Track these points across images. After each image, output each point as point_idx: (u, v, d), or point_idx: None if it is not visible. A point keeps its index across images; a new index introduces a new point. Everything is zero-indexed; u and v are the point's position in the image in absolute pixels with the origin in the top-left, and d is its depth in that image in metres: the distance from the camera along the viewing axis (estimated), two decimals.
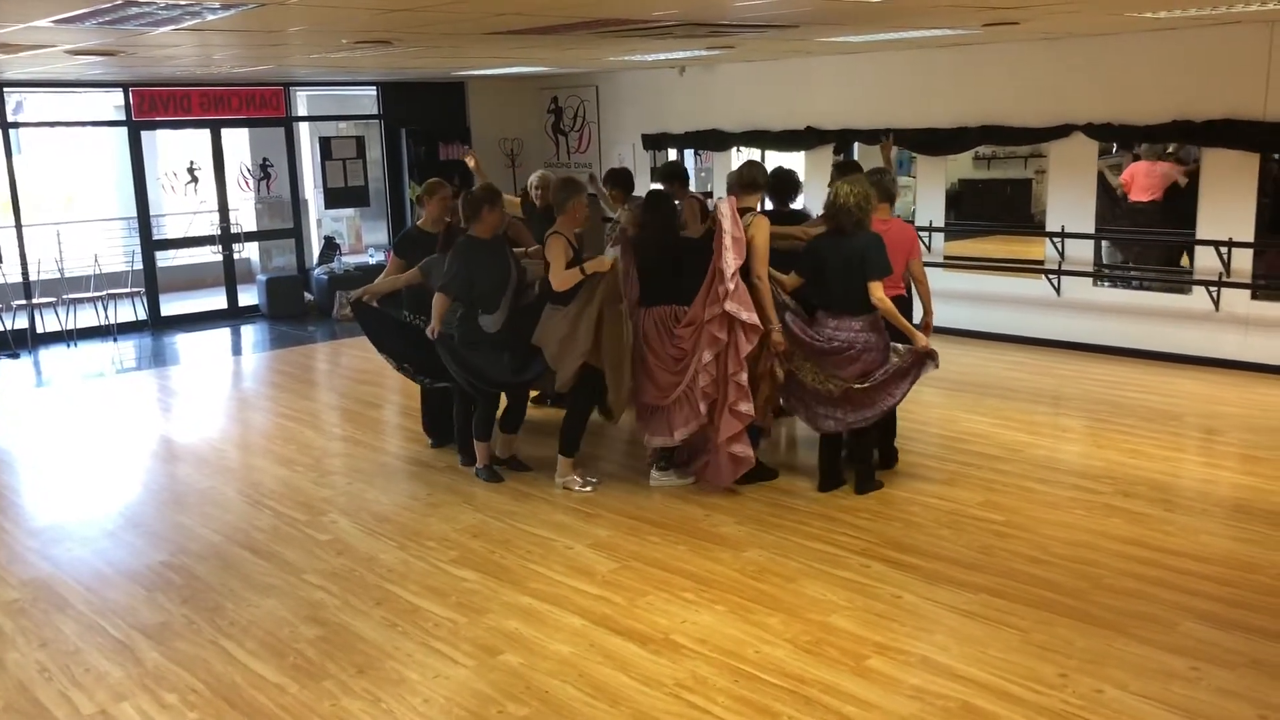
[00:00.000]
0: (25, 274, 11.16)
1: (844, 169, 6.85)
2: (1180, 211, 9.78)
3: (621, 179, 7.67)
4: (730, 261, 5.59)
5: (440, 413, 6.97)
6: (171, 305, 12.51)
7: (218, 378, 10.02)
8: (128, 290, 11.79)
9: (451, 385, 6.50)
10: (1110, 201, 9.89)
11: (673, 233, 6.06)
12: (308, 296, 12.91)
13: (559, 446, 6.24)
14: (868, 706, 3.83)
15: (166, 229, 13.49)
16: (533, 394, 7.19)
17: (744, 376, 5.70)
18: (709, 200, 6.61)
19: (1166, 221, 9.88)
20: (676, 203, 6.39)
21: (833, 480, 6.07)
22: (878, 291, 5.59)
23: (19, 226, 11.04)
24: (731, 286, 5.58)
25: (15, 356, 10.68)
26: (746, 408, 5.74)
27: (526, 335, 6.11)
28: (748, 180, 6.05)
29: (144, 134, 11.97)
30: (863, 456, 6.07)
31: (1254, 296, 8.43)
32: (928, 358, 5.67)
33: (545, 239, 6.00)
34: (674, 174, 7.33)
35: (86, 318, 11.57)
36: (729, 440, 5.82)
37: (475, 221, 6.06)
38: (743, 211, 5.87)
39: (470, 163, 7.75)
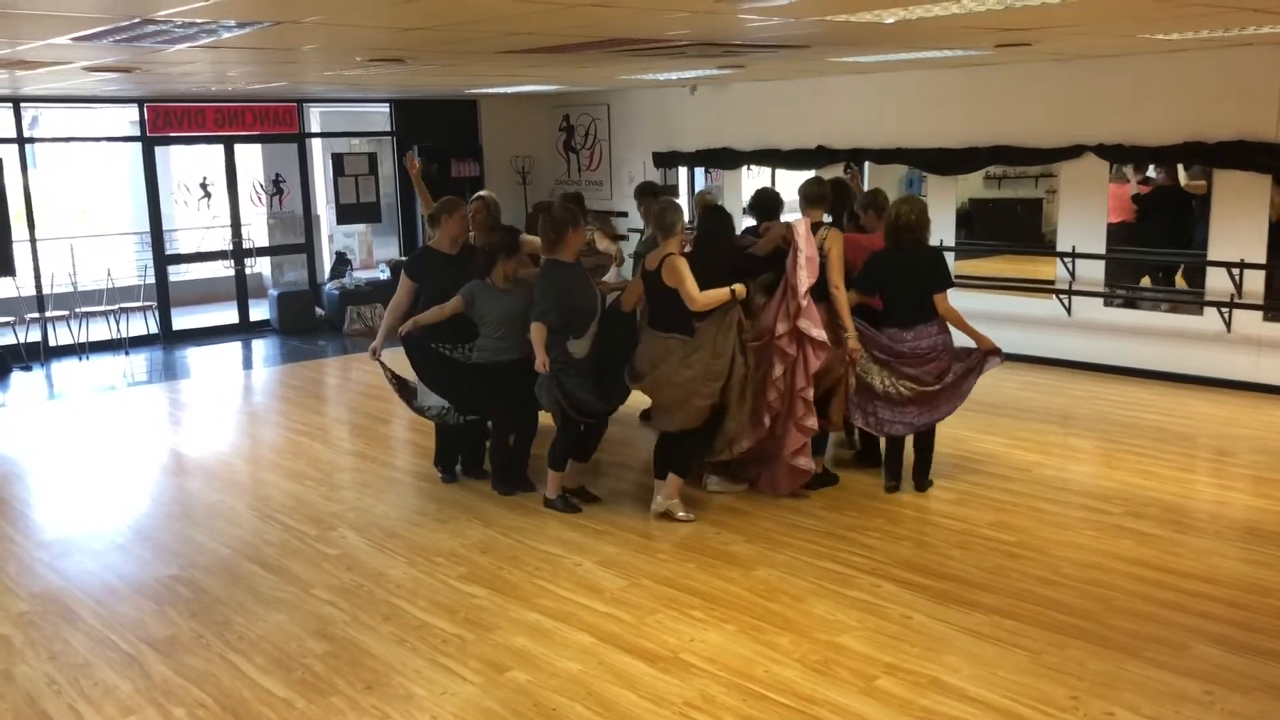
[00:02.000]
0: (38, 287, 11.23)
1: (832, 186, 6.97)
2: (1152, 233, 9.81)
3: (574, 200, 7.76)
4: (804, 280, 5.71)
5: (459, 448, 6.69)
6: (183, 319, 12.56)
7: (228, 392, 10.05)
8: (140, 304, 11.84)
9: (496, 415, 6.33)
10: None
11: (734, 245, 6.04)
12: (319, 311, 12.96)
13: (675, 469, 5.89)
14: None
15: (179, 244, 13.58)
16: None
17: (810, 392, 5.86)
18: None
19: (1139, 243, 9.91)
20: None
21: (900, 479, 6.30)
22: (944, 303, 5.93)
23: (33, 240, 11.11)
24: (804, 304, 5.71)
25: (28, 369, 10.73)
26: (812, 423, 5.91)
27: (611, 359, 5.89)
28: (814, 196, 6.20)
29: (158, 149, 12.05)
30: (924, 453, 6.30)
31: (1266, 318, 8.41)
32: (992, 354, 5.99)
33: (662, 262, 5.59)
34: (648, 191, 7.54)
35: (98, 331, 11.62)
36: (794, 454, 5.97)
37: (560, 245, 5.78)
38: (813, 227, 6.01)
39: (413, 169, 7.37)
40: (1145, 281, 9.96)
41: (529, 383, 5.96)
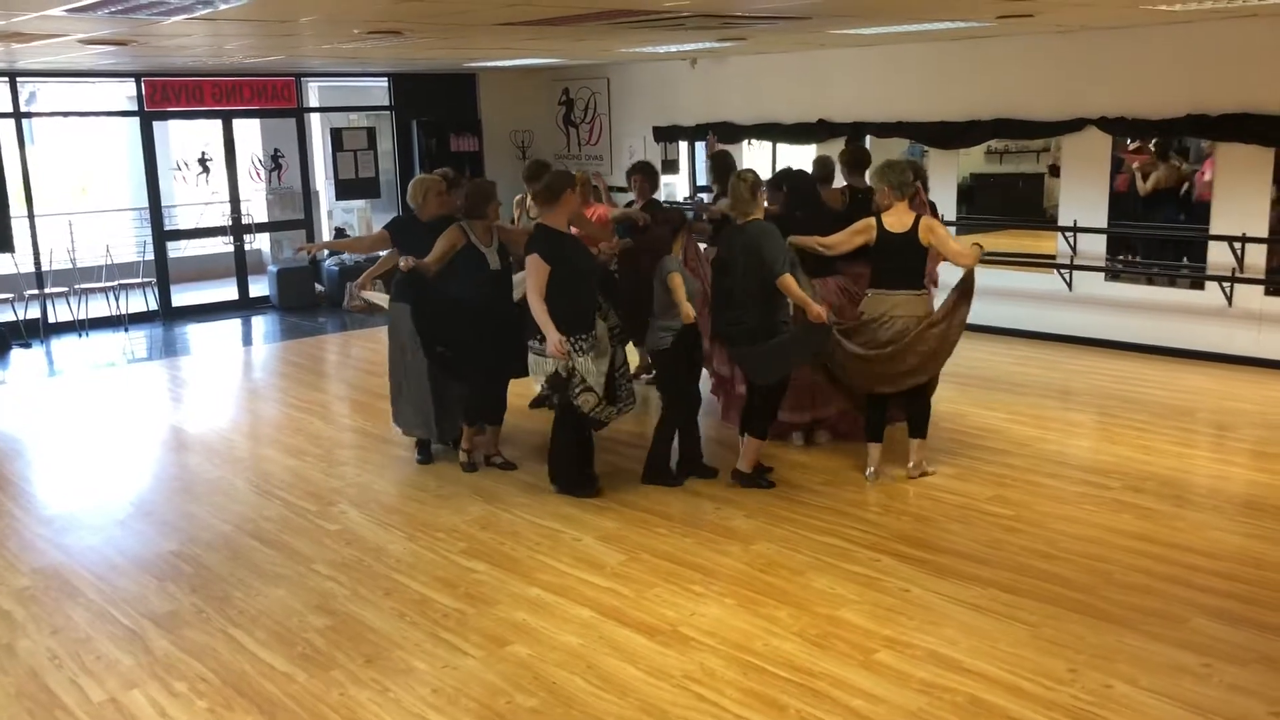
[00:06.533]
0: (38, 264, 11.21)
1: (721, 160, 7.41)
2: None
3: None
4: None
5: (582, 452, 6.09)
6: (182, 296, 12.54)
7: (228, 368, 10.04)
8: (139, 280, 11.82)
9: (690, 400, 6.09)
10: None
11: (820, 207, 6.14)
12: (318, 288, 12.93)
13: (919, 431, 6.03)
14: (876, 700, 3.82)
15: (178, 219, 13.52)
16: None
17: None
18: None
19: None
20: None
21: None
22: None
23: (32, 216, 11.07)
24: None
25: (27, 346, 10.72)
26: None
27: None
28: (855, 161, 6.68)
29: (156, 124, 11.99)
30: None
31: (1268, 292, 8.38)
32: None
33: (918, 221, 5.67)
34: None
35: (98, 308, 11.61)
36: None
37: (758, 206, 5.74)
38: (860, 191, 6.46)
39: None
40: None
41: None
